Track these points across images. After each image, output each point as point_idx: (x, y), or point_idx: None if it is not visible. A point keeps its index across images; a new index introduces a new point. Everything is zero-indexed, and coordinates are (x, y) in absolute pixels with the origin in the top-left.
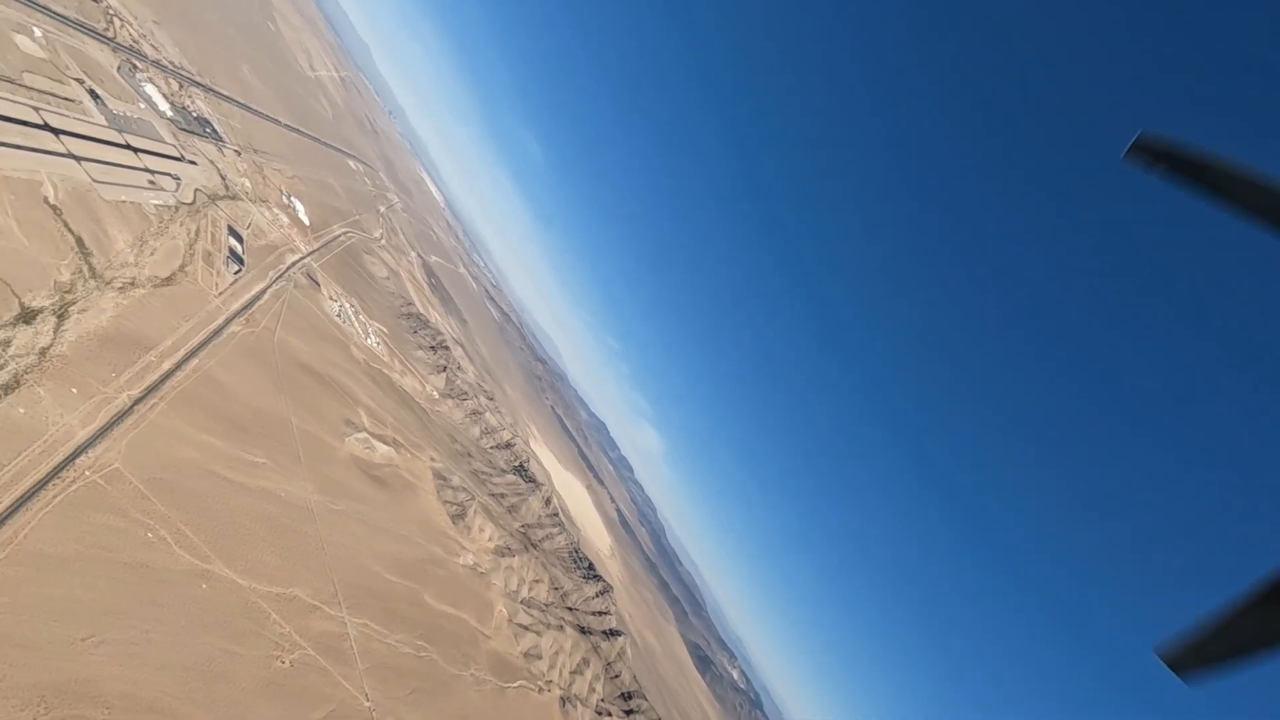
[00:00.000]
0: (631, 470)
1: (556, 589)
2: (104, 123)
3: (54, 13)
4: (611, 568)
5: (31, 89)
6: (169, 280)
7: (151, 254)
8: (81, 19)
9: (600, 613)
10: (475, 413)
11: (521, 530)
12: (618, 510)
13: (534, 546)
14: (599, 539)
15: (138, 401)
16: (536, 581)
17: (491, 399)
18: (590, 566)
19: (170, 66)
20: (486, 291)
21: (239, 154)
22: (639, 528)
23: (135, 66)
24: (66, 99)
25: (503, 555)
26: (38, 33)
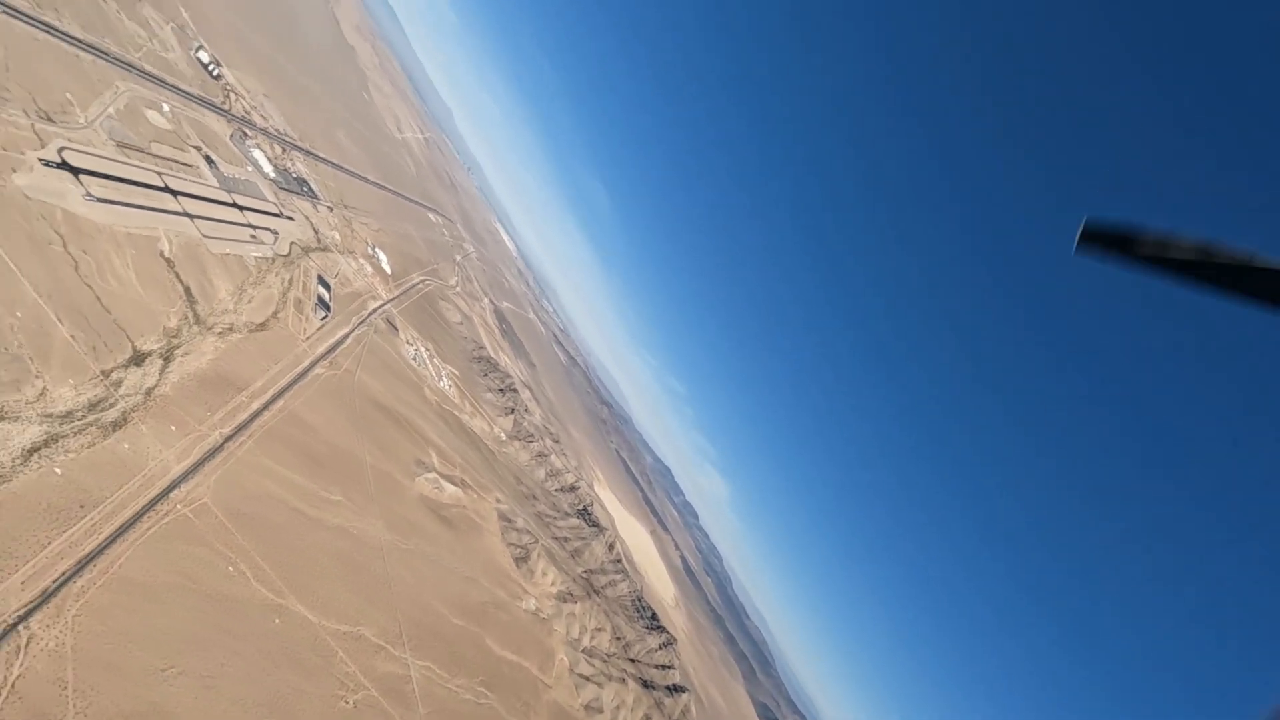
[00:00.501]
0: (696, 516)
1: (619, 639)
2: (215, 184)
3: (181, 90)
4: (675, 618)
5: (157, 156)
6: (263, 326)
7: (249, 302)
8: (204, 95)
9: (664, 666)
10: (541, 455)
11: (584, 576)
12: (682, 558)
13: (596, 593)
14: (663, 588)
15: (228, 439)
16: (599, 630)
17: (557, 441)
18: (654, 616)
19: (275, 133)
20: (554, 336)
21: (331, 210)
22: (704, 577)
23: (245, 134)
24: (185, 164)
25: (565, 601)
26: (166, 108)
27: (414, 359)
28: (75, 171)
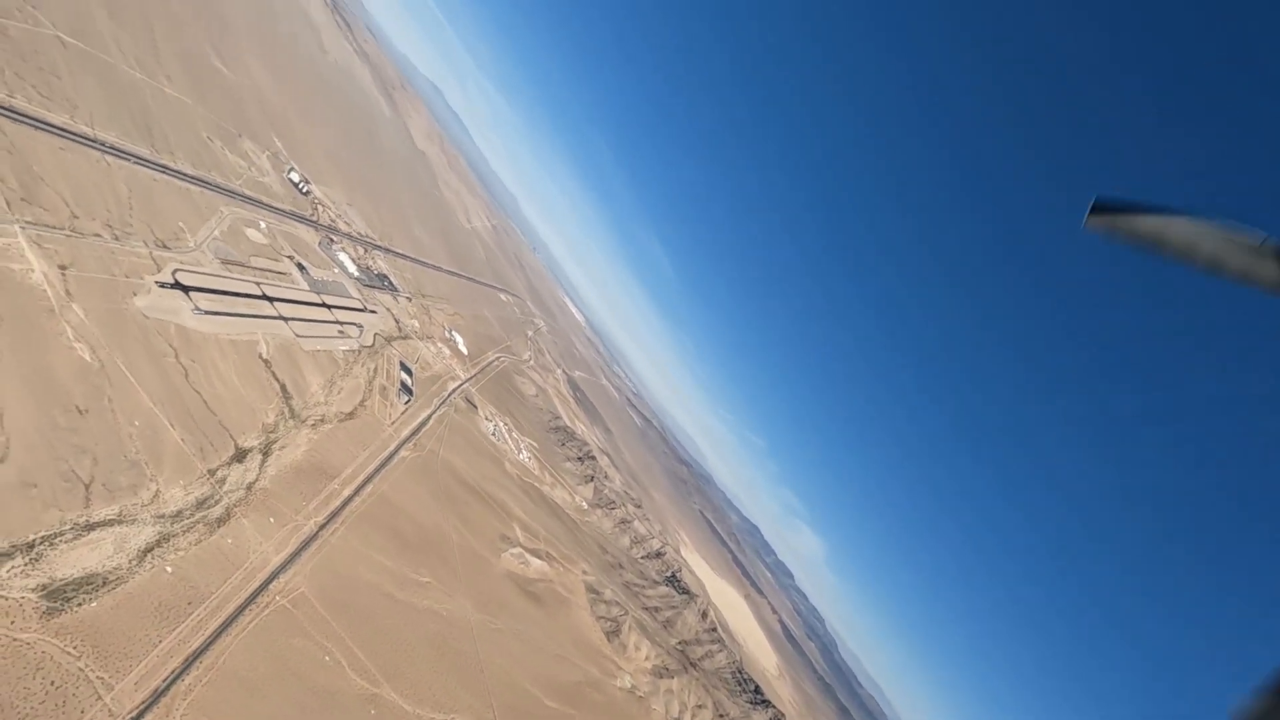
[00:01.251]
0: (791, 576)
1: (722, 716)
2: (306, 287)
3: (275, 208)
4: (781, 690)
5: (256, 268)
6: (351, 415)
7: (339, 393)
8: (295, 209)
9: None
10: (624, 521)
11: (679, 647)
12: (781, 622)
13: (693, 666)
14: (764, 656)
15: (322, 527)
16: (700, 707)
17: (639, 506)
18: (757, 689)
19: (358, 236)
20: (628, 400)
21: (410, 300)
22: (807, 642)
23: (332, 240)
24: (280, 272)
25: (661, 676)
26: (263, 225)
27: (493, 434)
28: (186, 290)
